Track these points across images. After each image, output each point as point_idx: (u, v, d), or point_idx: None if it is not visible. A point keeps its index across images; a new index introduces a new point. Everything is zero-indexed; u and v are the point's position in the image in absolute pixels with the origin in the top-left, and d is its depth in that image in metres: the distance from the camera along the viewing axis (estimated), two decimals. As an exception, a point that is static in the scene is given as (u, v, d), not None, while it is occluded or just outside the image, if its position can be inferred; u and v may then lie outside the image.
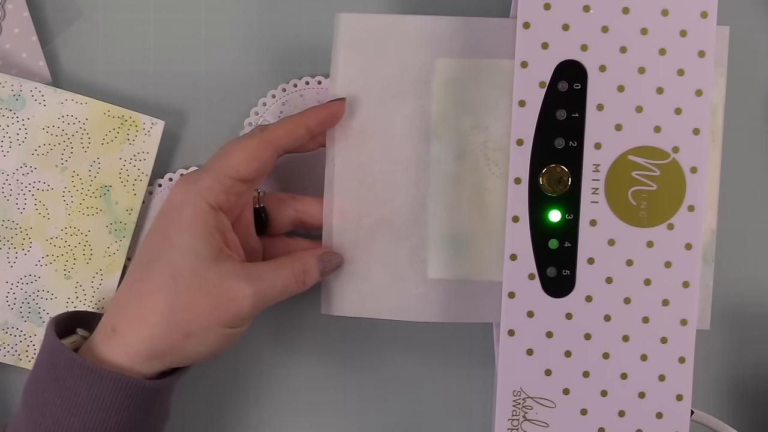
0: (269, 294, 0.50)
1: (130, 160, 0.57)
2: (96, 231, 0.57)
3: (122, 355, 0.49)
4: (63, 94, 0.56)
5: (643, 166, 0.52)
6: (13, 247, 0.57)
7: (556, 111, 0.51)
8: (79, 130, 0.56)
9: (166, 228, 0.50)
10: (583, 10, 0.51)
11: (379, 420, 0.60)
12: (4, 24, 0.56)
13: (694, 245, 0.52)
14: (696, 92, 0.51)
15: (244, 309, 0.49)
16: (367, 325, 0.59)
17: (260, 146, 0.50)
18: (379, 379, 0.60)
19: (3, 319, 0.57)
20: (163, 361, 0.49)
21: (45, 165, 0.56)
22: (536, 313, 0.52)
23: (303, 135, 0.51)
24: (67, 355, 0.48)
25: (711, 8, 0.51)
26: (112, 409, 0.48)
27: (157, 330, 0.48)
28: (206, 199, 0.49)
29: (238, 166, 0.50)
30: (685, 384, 0.52)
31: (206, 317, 0.49)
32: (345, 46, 0.52)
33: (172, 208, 0.50)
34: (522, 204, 0.52)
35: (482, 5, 0.58)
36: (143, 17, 0.58)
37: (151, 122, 0.57)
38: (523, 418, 0.52)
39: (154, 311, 0.48)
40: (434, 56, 0.52)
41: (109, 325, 0.49)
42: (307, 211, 0.54)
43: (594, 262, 0.52)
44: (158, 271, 0.49)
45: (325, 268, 0.52)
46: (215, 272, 0.49)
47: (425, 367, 0.60)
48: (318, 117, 0.52)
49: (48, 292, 0.57)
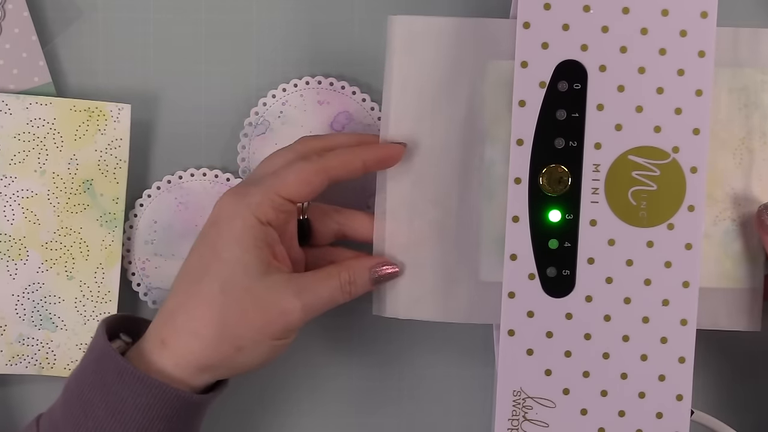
0: (317, 305, 0.51)
1: (106, 150, 0.56)
2: (87, 227, 0.57)
3: (173, 367, 0.49)
4: (26, 98, 0.56)
5: (643, 166, 0.52)
6: (11, 259, 0.57)
7: (556, 111, 0.51)
8: (50, 131, 0.56)
9: (215, 241, 0.50)
10: (583, 10, 0.51)
11: (378, 420, 0.60)
12: (4, 24, 0.56)
13: (694, 245, 0.52)
14: (696, 92, 0.51)
15: (292, 322, 0.50)
16: (366, 325, 0.59)
17: (315, 172, 0.50)
18: (378, 379, 0.60)
19: (17, 332, 0.57)
20: (212, 373, 0.50)
21: (24, 172, 0.56)
22: (536, 313, 0.52)
23: (358, 169, 0.52)
24: (117, 362, 0.49)
25: (711, 8, 0.51)
26: (156, 419, 0.48)
27: (209, 343, 0.49)
28: (256, 214, 0.49)
29: (290, 188, 0.50)
30: (685, 384, 0.52)
31: (256, 330, 0.49)
32: (399, 48, 0.52)
33: (221, 220, 0.50)
34: (522, 204, 0.52)
35: (482, 5, 0.58)
36: (143, 17, 0.58)
37: (117, 108, 0.56)
38: (523, 418, 0.52)
39: (205, 325, 0.49)
40: (487, 58, 0.52)
41: (158, 337, 0.50)
42: (351, 225, 0.54)
43: (594, 262, 0.52)
44: (208, 284, 0.49)
45: (379, 279, 0.53)
46: (264, 286, 0.49)
47: (425, 367, 0.60)
48: (377, 156, 0.52)
49: (54, 296, 0.57)
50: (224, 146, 0.58)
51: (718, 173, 0.54)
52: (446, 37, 0.52)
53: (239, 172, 0.58)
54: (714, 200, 0.54)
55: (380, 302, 0.54)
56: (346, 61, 0.58)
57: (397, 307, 0.53)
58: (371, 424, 0.60)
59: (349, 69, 0.58)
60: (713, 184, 0.54)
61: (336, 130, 0.58)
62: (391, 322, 0.57)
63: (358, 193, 0.57)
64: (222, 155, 0.58)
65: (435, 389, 0.60)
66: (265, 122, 0.58)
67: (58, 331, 0.57)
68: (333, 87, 0.58)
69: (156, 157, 0.58)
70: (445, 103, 0.53)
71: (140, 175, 0.58)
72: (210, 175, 0.58)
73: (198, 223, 0.57)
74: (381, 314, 0.54)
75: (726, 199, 0.54)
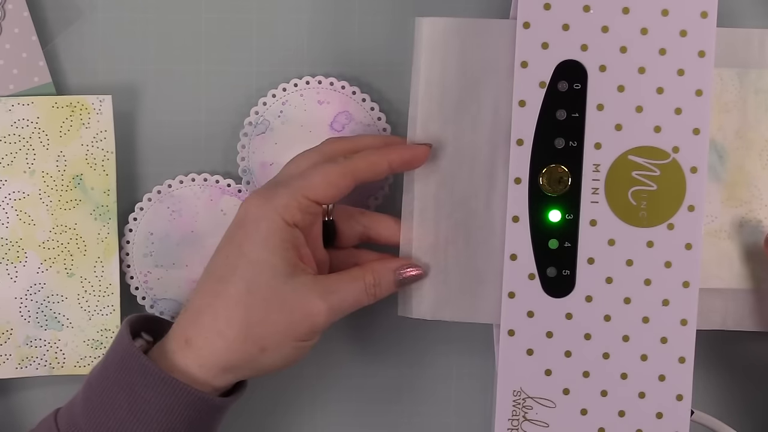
0: (342, 307, 0.51)
1: (92, 143, 0.56)
2: (82, 222, 0.57)
3: (197, 368, 0.49)
4: (8, 100, 0.56)
5: (643, 166, 0.52)
6: (10, 262, 0.57)
7: (556, 111, 0.51)
8: (35, 131, 0.56)
9: (242, 242, 0.50)
10: (583, 10, 0.51)
11: (378, 420, 0.60)
12: (4, 24, 0.56)
13: (694, 245, 0.52)
14: (696, 92, 0.51)
15: (318, 324, 0.50)
16: (366, 325, 0.59)
17: (341, 175, 0.51)
18: (378, 379, 0.60)
19: (24, 335, 0.57)
20: (236, 374, 0.50)
21: (13, 174, 0.56)
22: (536, 313, 0.52)
23: (384, 171, 0.52)
24: (142, 362, 0.49)
25: (711, 8, 0.51)
26: (179, 421, 0.49)
27: (234, 344, 0.49)
28: (283, 216, 0.50)
29: (316, 189, 0.50)
30: (685, 384, 0.52)
31: (281, 332, 0.49)
32: (426, 50, 0.52)
33: (247, 222, 0.50)
34: (522, 204, 0.52)
35: (482, 5, 0.58)
36: (143, 17, 0.58)
37: (99, 100, 0.56)
38: (523, 418, 0.52)
39: (231, 325, 0.49)
40: (513, 59, 0.52)
41: (182, 336, 0.50)
42: (375, 228, 0.54)
43: (594, 262, 0.52)
44: (234, 285, 0.49)
45: (403, 282, 0.53)
46: (290, 287, 0.49)
47: (425, 367, 0.60)
48: (402, 157, 0.52)
49: (57, 295, 0.57)
50: (224, 146, 0.58)
51: (744, 174, 0.54)
52: (473, 38, 0.52)
53: (239, 172, 0.58)
54: (740, 201, 0.54)
55: (406, 303, 0.54)
56: (346, 61, 0.58)
57: (423, 308, 0.54)
58: (370, 423, 0.60)
59: (349, 69, 0.58)
60: (739, 186, 0.54)
61: (336, 129, 0.58)
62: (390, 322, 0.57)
63: (360, 193, 0.57)
64: (222, 155, 0.58)
65: (434, 389, 0.60)
66: (265, 122, 0.58)
67: (65, 329, 0.57)
68: (333, 87, 0.58)
69: (156, 156, 0.58)
70: (471, 104, 0.53)
71: (140, 175, 0.58)
72: (199, 180, 0.58)
73: (193, 229, 0.57)
74: (407, 315, 0.54)
75: (752, 200, 0.54)
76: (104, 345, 0.57)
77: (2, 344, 0.57)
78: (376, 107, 0.58)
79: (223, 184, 0.58)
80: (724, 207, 0.54)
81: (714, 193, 0.54)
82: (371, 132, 0.57)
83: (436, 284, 0.53)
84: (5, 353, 0.57)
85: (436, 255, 0.53)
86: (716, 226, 0.54)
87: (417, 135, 0.53)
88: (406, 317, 0.54)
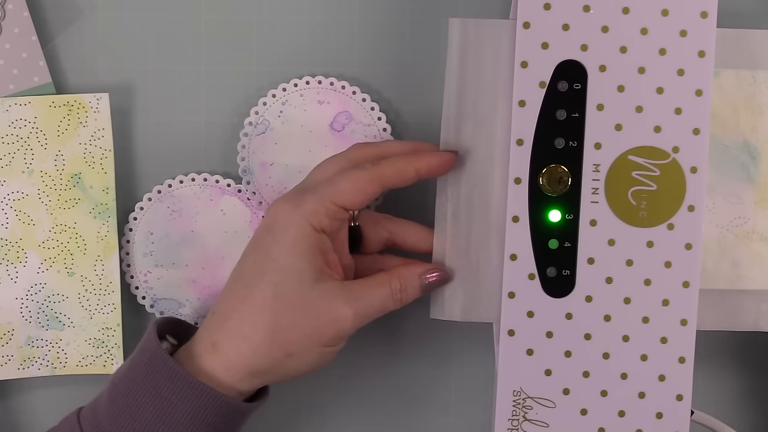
0: (368, 313, 0.51)
1: (90, 142, 0.57)
2: (81, 221, 0.57)
3: (223, 372, 0.49)
4: (5, 100, 0.56)
5: (643, 166, 0.52)
6: (11, 262, 0.57)
7: (556, 111, 0.51)
8: (33, 131, 0.56)
9: (269, 247, 0.50)
10: (583, 10, 0.51)
11: (378, 419, 0.60)
12: (4, 24, 0.56)
13: (694, 245, 0.52)
14: (696, 92, 0.51)
15: (344, 329, 0.50)
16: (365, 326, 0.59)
17: (368, 181, 0.51)
18: (378, 379, 0.60)
19: (25, 335, 0.57)
20: (261, 378, 0.50)
21: (12, 174, 0.56)
22: (536, 313, 0.52)
23: (411, 178, 0.52)
24: (169, 365, 0.49)
25: (711, 8, 0.51)
26: (204, 425, 0.49)
27: (261, 349, 0.49)
28: (311, 222, 0.50)
29: (344, 195, 0.50)
30: (685, 384, 0.52)
31: (308, 337, 0.50)
32: (458, 51, 0.52)
33: (275, 227, 0.50)
34: (522, 204, 0.52)
35: (482, 5, 0.58)
36: (143, 17, 0.58)
37: (96, 98, 0.56)
38: (523, 418, 0.52)
39: (258, 330, 0.49)
40: None
41: (209, 340, 0.50)
42: (401, 234, 0.54)
43: (594, 262, 0.52)
44: (261, 290, 0.49)
45: (429, 286, 0.53)
46: (317, 293, 0.50)
47: (425, 367, 0.60)
48: (429, 164, 0.52)
49: (58, 294, 0.57)
50: (224, 146, 0.58)
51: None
52: (504, 39, 0.52)
53: (239, 172, 0.58)
54: (766, 202, 0.54)
55: (438, 306, 0.54)
56: (346, 61, 0.58)
57: (455, 310, 0.54)
58: (370, 423, 0.60)
59: (349, 69, 0.58)
60: (764, 187, 0.54)
61: (336, 129, 0.58)
62: (389, 322, 0.57)
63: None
64: (222, 155, 0.58)
65: (435, 389, 0.60)
66: (266, 122, 0.58)
67: (66, 329, 0.57)
68: (333, 87, 0.58)
69: (156, 156, 0.58)
70: (503, 105, 0.53)
71: (140, 175, 0.58)
72: (199, 180, 0.58)
73: (193, 229, 0.57)
74: (439, 318, 0.54)
75: None
76: (106, 344, 0.57)
77: (4, 345, 0.57)
78: (376, 107, 0.58)
79: (223, 184, 0.58)
80: (756, 208, 0.54)
81: (747, 195, 0.54)
82: (371, 132, 0.57)
83: (468, 286, 0.53)
84: (7, 354, 0.57)
85: (469, 257, 0.53)
86: (749, 228, 0.54)
87: (450, 136, 0.53)
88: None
